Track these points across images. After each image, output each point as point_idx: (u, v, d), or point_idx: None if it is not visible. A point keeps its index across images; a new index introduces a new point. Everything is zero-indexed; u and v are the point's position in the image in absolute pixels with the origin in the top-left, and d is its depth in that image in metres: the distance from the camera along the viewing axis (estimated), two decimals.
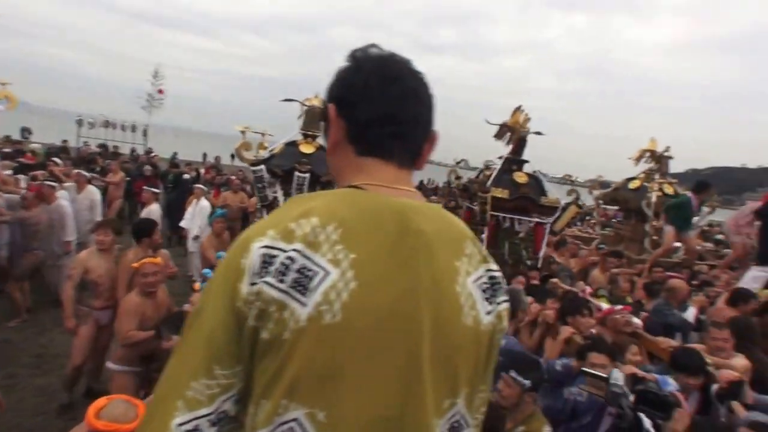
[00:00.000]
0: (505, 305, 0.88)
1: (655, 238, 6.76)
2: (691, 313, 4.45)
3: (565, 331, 3.41)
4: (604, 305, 4.01)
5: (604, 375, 2.39)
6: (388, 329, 0.73)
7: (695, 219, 6.36)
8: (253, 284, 0.73)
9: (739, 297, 4.17)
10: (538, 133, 5.58)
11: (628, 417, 2.17)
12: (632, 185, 7.46)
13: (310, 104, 4.90)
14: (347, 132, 0.86)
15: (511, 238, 5.33)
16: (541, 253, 5.34)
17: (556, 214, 5.34)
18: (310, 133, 4.99)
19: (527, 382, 2.37)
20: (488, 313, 0.83)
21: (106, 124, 19.65)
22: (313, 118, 4.93)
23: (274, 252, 0.73)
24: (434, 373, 0.76)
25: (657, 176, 7.34)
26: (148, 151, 15.04)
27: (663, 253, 6.36)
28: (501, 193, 5.21)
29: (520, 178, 5.38)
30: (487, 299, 0.84)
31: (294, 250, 0.73)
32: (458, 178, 6.14)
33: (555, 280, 4.66)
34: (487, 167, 5.72)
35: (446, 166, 6.94)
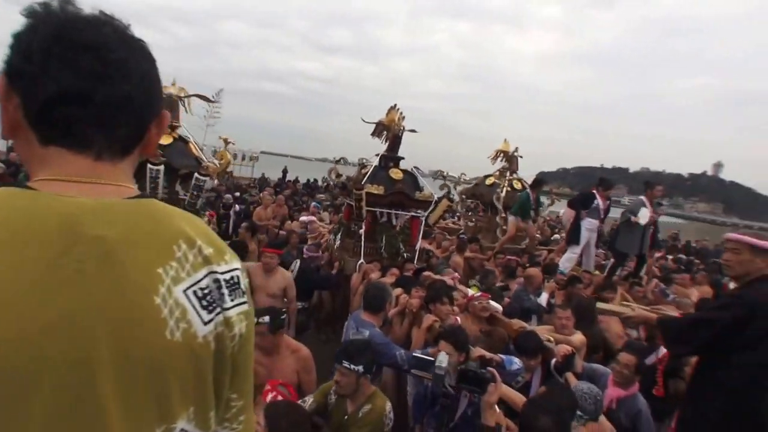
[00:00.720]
0: (240, 308, 0.76)
1: (505, 228, 7.43)
2: (544, 298, 4.82)
3: (427, 319, 3.44)
4: (471, 292, 4.16)
5: (430, 358, 2.43)
6: (34, 365, 0.59)
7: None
8: None
9: (572, 279, 4.99)
10: (412, 131, 5.65)
11: (451, 396, 2.29)
12: (488, 181, 8.15)
13: (167, 92, 4.39)
14: (25, 114, 0.67)
15: (388, 232, 5.31)
16: (418, 246, 5.40)
17: (430, 208, 5.46)
18: None
19: (359, 368, 2.38)
20: (208, 322, 0.72)
21: None
22: (171, 107, 4.42)
23: None
24: (127, 402, 0.65)
25: (508, 174, 8.06)
26: None
27: (507, 240, 7.07)
28: (376, 189, 5.18)
29: (395, 174, 5.40)
30: (206, 307, 0.72)
31: None
32: (338, 176, 6.01)
33: (427, 273, 4.73)
34: (363, 165, 5.67)
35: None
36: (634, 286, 5.75)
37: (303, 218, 7.14)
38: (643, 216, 6.01)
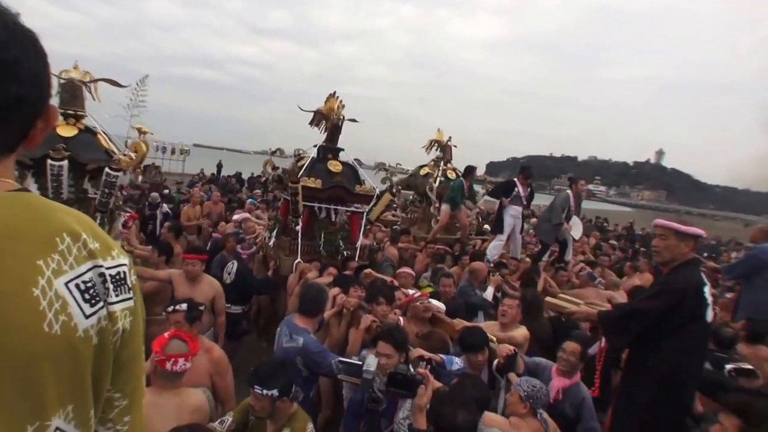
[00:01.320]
0: (125, 304, 0.80)
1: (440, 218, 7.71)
2: (489, 293, 4.93)
3: (365, 319, 3.42)
4: (411, 292, 4.16)
5: (358, 362, 2.41)
6: None
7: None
8: None
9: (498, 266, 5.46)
10: (353, 120, 5.58)
11: (381, 400, 2.30)
12: (422, 172, 8.41)
13: (68, 77, 4.03)
14: None
15: (327, 228, 5.25)
16: (359, 243, 5.36)
17: (372, 203, 5.43)
18: (70, 111, 4.11)
19: (273, 392, 2.31)
20: (90, 315, 0.75)
21: None
22: (74, 94, 4.06)
23: None
24: None
25: (442, 163, 8.33)
26: None
27: (439, 230, 7.42)
28: (313, 182, 5.09)
29: (334, 166, 5.33)
30: (88, 300, 0.75)
31: None
32: (274, 168, 5.83)
33: (368, 270, 4.71)
34: (300, 156, 5.55)
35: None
36: (559, 271, 6.32)
37: (236, 216, 6.88)
38: (577, 230, 6.84)
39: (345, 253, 5.21)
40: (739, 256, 8.14)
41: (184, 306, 2.91)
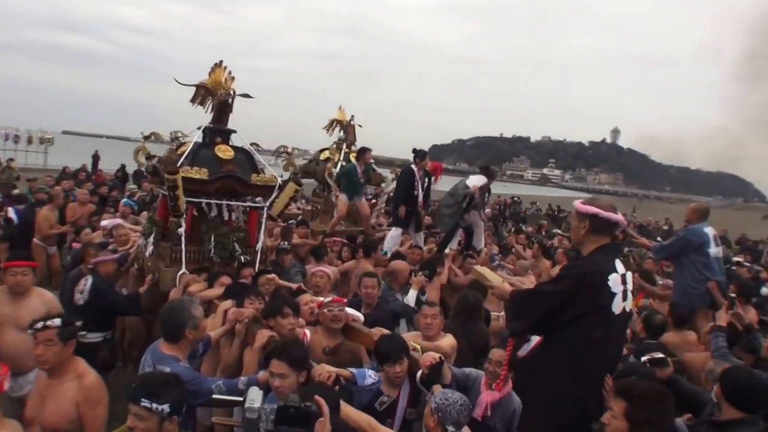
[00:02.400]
0: None
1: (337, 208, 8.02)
2: (412, 296, 5.02)
3: (261, 336, 3.38)
4: (321, 299, 4.12)
5: (237, 399, 2.33)
6: None
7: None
8: None
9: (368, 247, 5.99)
10: (246, 96, 5.43)
11: None
12: (323, 156, 8.58)
13: None
14: None
15: (218, 229, 5.09)
16: (259, 244, 5.27)
17: (273, 195, 5.32)
18: None
19: (164, 407, 2.22)
20: None
21: None
22: None
23: None
24: None
25: (344, 146, 8.58)
26: None
27: (337, 221, 7.66)
28: (197, 173, 4.90)
29: (224, 152, 5.15)
30: None
31: None
32: (149, 157, 5.55)
33: (271, 275, 4.65)
34: (179, 141, 5.38)
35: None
36: (467, 258, 6.91)
37: (105, 222, 6.48)
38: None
39: (242, 258, 5.11)
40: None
41: (56, 321, 2.84)
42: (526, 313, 2.88)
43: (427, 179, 7.63)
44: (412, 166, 7.51)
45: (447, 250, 7.30)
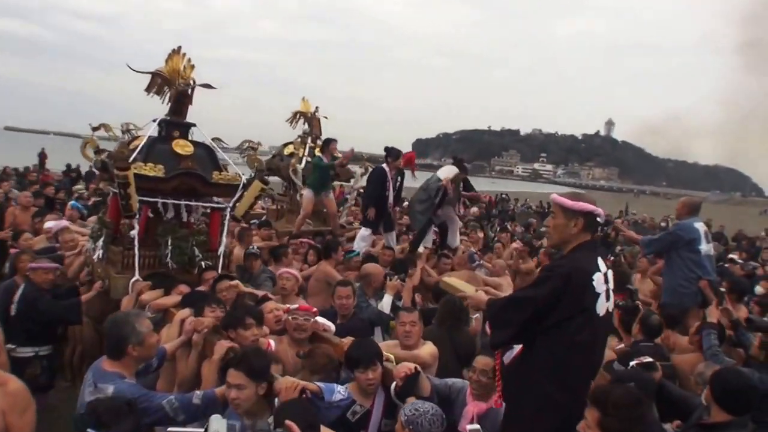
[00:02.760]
0: None
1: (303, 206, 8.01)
2: (387, 302, 5.05)
3: (220, 347, 3.36)
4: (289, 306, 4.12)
5: (197, 431, 2.33)
6: None
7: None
8: None
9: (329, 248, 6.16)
10: (207, 86, 5.38)
11: None
12: (287, 150, 8.63)
13: None
14: None
15: (176, 232, 5.04)
16: (221, 249, 5.24)
17: (237, 195, 5.30)
18: None
19: None
20: None
21: None
22: None
23: None
24: None
25: (309, 140, 8.66)
26: None
27: (303, 220, 7.73)
28: (152, 169, 4.85)
29: (182, 148, 5.09)
30: None
31: None
32: (98, 151, 5.46)
33: (234, 282, 4.63)
34: (132, 134, 5.34)
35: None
36: (442, 257, 7.09)
37: (49, 224, 6.34)
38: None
39: (203, 263, 5.07)
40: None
41: None
42: (508, 322, 2.87)
43: (399, 178, 7.75)
44: (384, 165, 7.62)
45: (421, 249, 7.40)
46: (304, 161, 8.32)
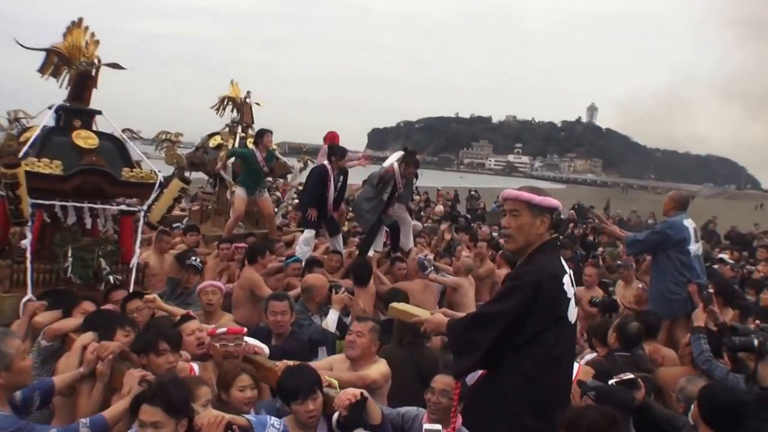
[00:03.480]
0: None
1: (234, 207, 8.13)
2: (332, 319, 5.08)
3: (130, 378, 3.32)
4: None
5: None
6: None
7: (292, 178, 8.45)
8: None
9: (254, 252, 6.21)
10: (115, 66, 5.39)
11: None
12: (213, 142, 8.75)
13: None
14: None
15: (78, 240, 5.02)
16: (134, 261, 5.22)
17: (152, 196, 5.29)
18: None
19: None
20: None
21: None
22: None
23: None
24: None
25: (239, 130, 8.80)
26: None
27: (235, 223, 7.87)
28: (47, 166, 4.80)
29: (85, 140, 5.05)
30: None
31: None
32: None
33: (151, 296, 4.60)
34: (20, 123, 5.35)
35: None
36: (396, 262, 7.33)
37: None
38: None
39: (112, 279, 5.05)
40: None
41: None
42: (472, 345, 2.89)
43: (342, 178, 7.93)
44: (325, 163, 7.82)
45: (371, 253, 7.54)
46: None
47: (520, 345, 2.74)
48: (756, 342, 3.69)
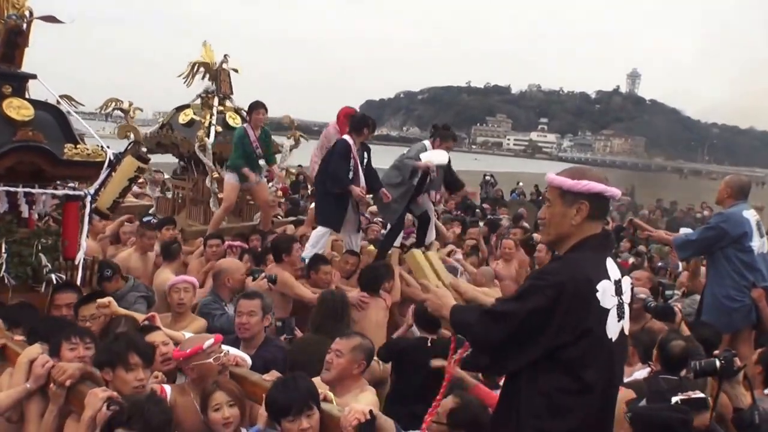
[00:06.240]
0: None
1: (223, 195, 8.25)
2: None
3: (93, 399, 3.33)
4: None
5: None
6: None
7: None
8: None
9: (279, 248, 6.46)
10: (51, 20, 5.43)
11: None
12: (183, 118, 8.75)
13: None
14: None
15: (13, 232, 5.10)
16: (80, 255, 5.27)
17: (101, 177, 5.36)
18: None
19: None
20: None
21: None
22: None
23: None
24: None
25: (216, 102, 8.82)
26: None
27: (224, 215, 8.01)
28: None
29: (17, 111, 5.12)
30: None
31: None
32: None
33: (104, 300, 4.59)
34: None
35: None
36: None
37: None
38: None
39: (54, 277, 5.11)
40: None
41: None
42: (473, 345, 2.99)
43: (366, 155, 7.69)
44: (346, 137, 7.51)
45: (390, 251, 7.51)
46: (212, 132, 8.33)
47: (538, 359, 2.74)
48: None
